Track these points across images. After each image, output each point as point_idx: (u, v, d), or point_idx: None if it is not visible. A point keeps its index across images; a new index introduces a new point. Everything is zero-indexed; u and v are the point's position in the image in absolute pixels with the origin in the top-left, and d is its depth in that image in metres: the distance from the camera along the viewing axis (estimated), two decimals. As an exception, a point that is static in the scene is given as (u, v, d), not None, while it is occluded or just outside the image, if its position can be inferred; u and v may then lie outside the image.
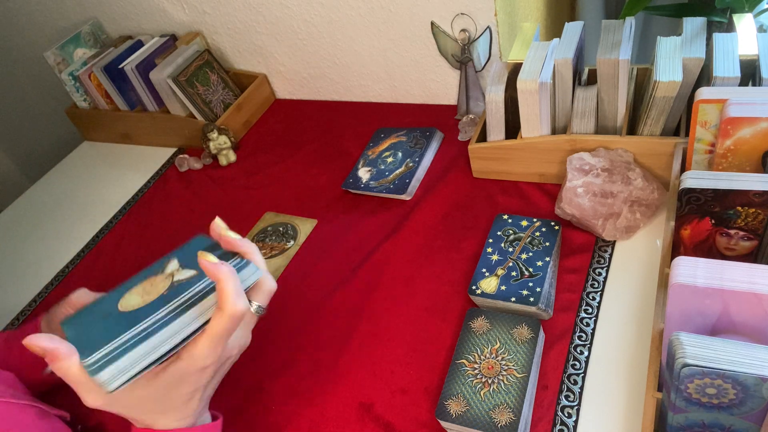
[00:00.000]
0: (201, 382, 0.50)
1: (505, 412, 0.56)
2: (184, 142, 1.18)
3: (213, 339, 0.48)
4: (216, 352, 0.48)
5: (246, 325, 0.52)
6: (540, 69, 0.75)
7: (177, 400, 0.50)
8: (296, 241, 0.88)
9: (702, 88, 0.62)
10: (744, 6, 1.05)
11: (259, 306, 0.52)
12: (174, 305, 0.48)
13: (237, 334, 0.51)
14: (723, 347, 0.41)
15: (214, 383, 0.53)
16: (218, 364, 0.50)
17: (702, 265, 0.46)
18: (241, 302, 0.47)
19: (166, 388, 0.49)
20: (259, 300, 0.52)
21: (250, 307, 0.51)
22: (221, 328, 0.47)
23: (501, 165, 0.85)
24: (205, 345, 0.48)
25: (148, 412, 0.50)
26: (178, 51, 1.13)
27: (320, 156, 1.04)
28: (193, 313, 0.48)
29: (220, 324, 0.47)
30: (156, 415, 0.51)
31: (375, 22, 1.00)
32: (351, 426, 0.64)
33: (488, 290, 0.68)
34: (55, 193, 1.20)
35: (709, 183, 0.54)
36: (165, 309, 0.48)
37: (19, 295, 0.97)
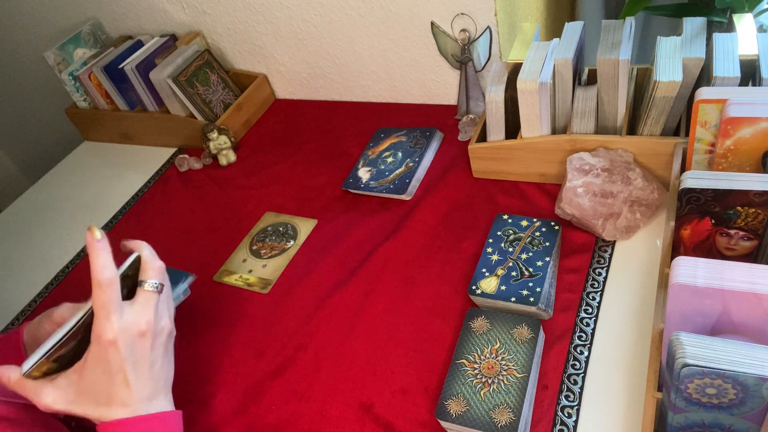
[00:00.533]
0: (117, 359, 0.54)
1: (505, 412, 0.56)
2: (184, 142, 1.18)
3: (98, 311, 0.53)
4: (111, 324, 0.53)
5: (145, 302, 0.56)
6: (540, 69, 0.75)
7: (107, 384, 0.54)
8: (296, 241, 0.88)
9: (702, 88, 0.62)
10: (744, 6, 1.05)
11: (151, 282, 0.57)
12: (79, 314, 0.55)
13: (135, 311, 0.55)
14: (723, 347, 0.41)
15: (145, 364, 0.56)
16: (126, 338, 0.54)
17: (702, 265, 0.46)
18: (107, 271, 0.53)
19: (91, 374, 0.54)
20: (150, 277, 0.57)
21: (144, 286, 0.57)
22: (99, 299, 0.53)
23: (501, 165, 0.85)
24: (97, 321, 0.53)
25: (91, 404, 0.54)
26: (178, 51, 1.13)
27: (320, 156, 1.04)
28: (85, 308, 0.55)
29: (95, 294, 0.53)
30: (101, 407, 0.54)
31: (375, 22, 1.00)
32: (351, 426, 0.64)
33: (488, 290, 0.68)
34: (55, 193, 1.20)
35: (709, 183, 0.54)
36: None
37: (19, 295, 0.97)
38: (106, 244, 0.54)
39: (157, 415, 0.56)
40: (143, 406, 0.56)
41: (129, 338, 0.54)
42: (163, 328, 0.58)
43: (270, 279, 0.83)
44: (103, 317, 0.53)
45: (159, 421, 0.56)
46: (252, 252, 0.89)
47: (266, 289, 0.82)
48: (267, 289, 0.82)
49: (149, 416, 0.56)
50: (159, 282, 0.58)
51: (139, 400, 0.55)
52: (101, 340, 0.53)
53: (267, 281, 0.83)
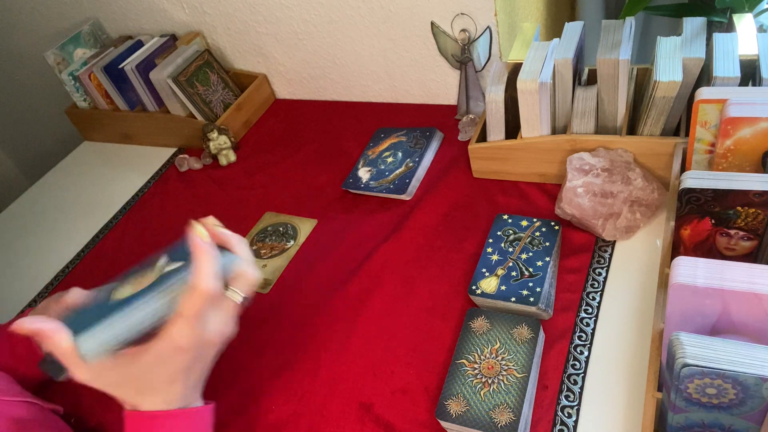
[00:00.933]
0: (180, 364, 0.51)
1: (505, 412, 0.56)
2: (184, 142, 1.18)
3: (185, 317, 0.49)
4: (191, 333, 0.50)
5: (227, 312, 0.53)
6: (540, 69, 0.75)
7: (158, 380, 0.51)
8: (296, 241, 0.88)
9: (702, 88, 0.62)
10: (744, 6, 1.05)
11: (241, 295, 0.54)
12: (159, 289, 0.51)
13: (216, 321, 0.52)
14: (723, 347, 0.41)
15: (199, 369, 0.54)
16: (197, 347, 0.51)
17: (702, 265, 0.46)
18: (212, 282, 0.49)
19: (147, 368, 0.51)
20: (239, 288, 0.53)
21: (232, 296, 0.53)
22: (192, 306, 0.49)
23: (501, 165, 0.85)
24: (178, 324, 0.50)
25: (132, 391, 0.52)
26: (178, 51, 1.13)
27: (320, 156, 1.04)
28: (173, 293, 0.50)
29: (190, 301, 0.49)
30: (140, 395, 0.52)
31: (375, 22, 1.00)
32: (351, 426, 0.64)
33: (488, 290, 0.68)
34: (55, 193, 1.20)
35: (709, 183, 0.54)
36: (150, 292, 0.51)
37: (19, 295, 0.97)
38: (215, 250, 0.50)
39: (190, 411, 0.54)
40: (182, 402, 0.54)
41: (202, 347, 0.52)
42: (227, 339, 0.55)
43: (270, 279, 0.83)
44: (187, 324, 0.50)
45: (190, 417, 0.55)
46: (252, 252, 0.89)
47: (266, 289, 0.82)
48: (267, 289, 0.82)
49: (183, 411, 0.54)
50: (248, 297, 0.54)
51: (181, 397, 0.54)
52: (173, 343, 0.50)
53: (267, 281, 0.83)
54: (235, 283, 0.53)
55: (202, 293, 0.49)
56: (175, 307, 0.51)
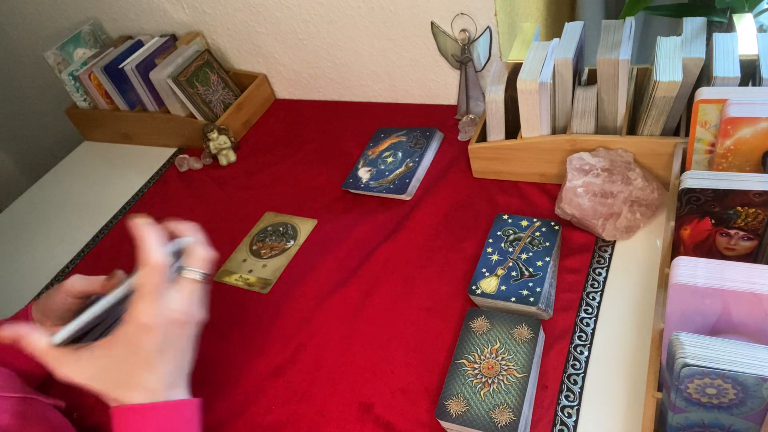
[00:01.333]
0: (150, 344, 0.52)
1: (505, 412, 0.56)
2: (184, 142, 1.18)
3: (142, 293, 0.52)
4: (152, 310, 0.52)
5: (186, 290, 0.55)
6: (540, 69, 0.75)
7: (134, 367, 0.53)
8: (296, 241, 0.88)
9: (702, 88, 0.62)
10: (744, 6, 1.05)
11: (195, 270, 0.56)
12: (125, 281, 0.56)
13: (176, 298, 0.54)
14: (723, 347, 0.41)
15: (172, 353, 0.55)
16: (163, 326, 0.53)
17: (702, 265, 0.46)
18: (158, 254, 0.52)
19: (121, 354, 0.52)
20: (194, 266, 0.56)
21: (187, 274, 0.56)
22: (146, 282, 0.52)
23: (501, 165, 0.85)
24: (138, 303, 0.52)
25: (113, 383, 0.53)
26: (178, 51, 1.13)
27: (320, 156, 1.04)
28: (131, 281, 0.54)
29: (143, 278, 0.52)
30: (122, 388, 0.53)
31: (375, 22, 1.00)
32: (351, 426, 0.64)
33: (488, 290, 0.68)
34: (55, 193, 1.20)
35: (709, 183, 0.54)
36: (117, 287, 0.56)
37: (19, 295, 0.97)
38: (154, 228, 0.53)
39: (174, 403, 0.55)
40: (164, 393, 0.54)
41: (166, 325, 0.53)
42: (197, 320, 0.57)
43: (270, 279, 0.83)
44: (145, 300, 0.52)
45: (176, 409, 0.55)
46: (252, 252, 0.89)
47: (266, 289, 0.82)
48: (267, 289, 0.82)
49: (167, 404, 0.54)
50: (206, 272, 0.57)
51: (162, 386, 0.54)
52: (138, 322, 0.52)
53: (267, 281, 0.83)
54: (189, 262, 0.56)
55: (151, 266, 0.52)
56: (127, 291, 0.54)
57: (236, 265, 0.87)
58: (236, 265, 0.87)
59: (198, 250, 0.57)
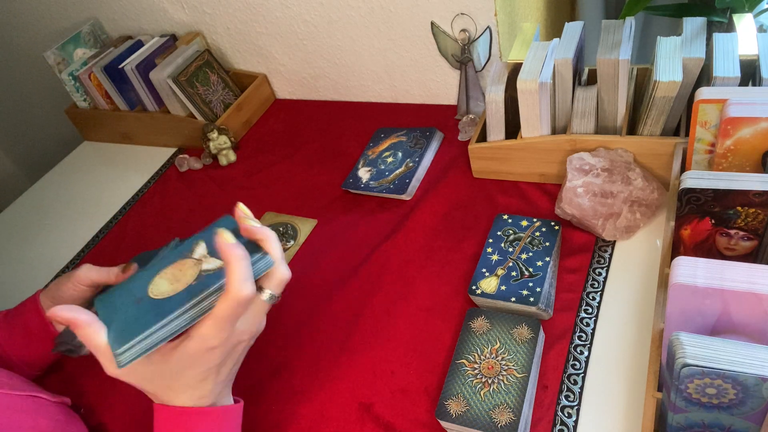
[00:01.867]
0: (211, 362, 0.51)
1: (505, 412, 0.56)
2: (184, 142, 1.18)
3: (217, 321, 0.49)
4: (222, 334, 0.50)
5: (257, 311, 0.53)
6: (540, 69, 0.75)
7: (190, 378, 0.52)
8: (296, 241, 0.88)
9: (702, 88, 0.62)
10: (744, 6, 1.05)
11: (272, 294, 0.53)
12: (197, 299, 0.51)
13: (246, 320, 0.52)
14: (723, 347, 0.41)
15: (230, 366, 0.54)
16: (227, 346, 0.52)
17: (702, 265, 0.46)
18: (247, 287, 0.48)
19: (179, 367, 0.51)
20: (270, 288, 0.53)
21: (262, 295, 0.53)
22: (225, 311, 0.49)
23: (501, 165, 0.85)
24: (210, 326, 0.49)
25: (164, 387, 0.52)
26: (178, 51, 1.13)
27: (320, 156, 1.04)
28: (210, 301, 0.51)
29: (224, 307, 0.49)
30: (172, 392, 0.52)
31: (375, 22, 1.00)
32: (351, 426, 0.64)
33: (488, 290, 0.68)
34: (55, 193, 1.20)
35: (709, 183, 0.54)
36: (190, 303, 0.50)
37: (19, 294, 0.96)
38: (244, 250, 0.49)
39: (222, 409, 0.55)
40: (212, 400, 0.54)
41: (231, 345, 0.52)
42: (256, 335, 0.56)
43: (270, 279, 0.83)
44: (218, 326, 0.50)
45: (221, 415, 0.55)
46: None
47: (266, 289, 0.82)
48: (267, 289, 0.82)
49: (214, 409, 0.54)
50: (277, 295, 0.54)
51: (212, 395, 0.54)
52: (205, 344, 0.50)
53: (267, 281, 0.83)
54: (266, 283, 0.53)
55: (236, 299, 0.48)
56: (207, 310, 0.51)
57: (236, 265, 0.87)
58: (236, 265, 0.87)
59: (279, 270, 0.53)
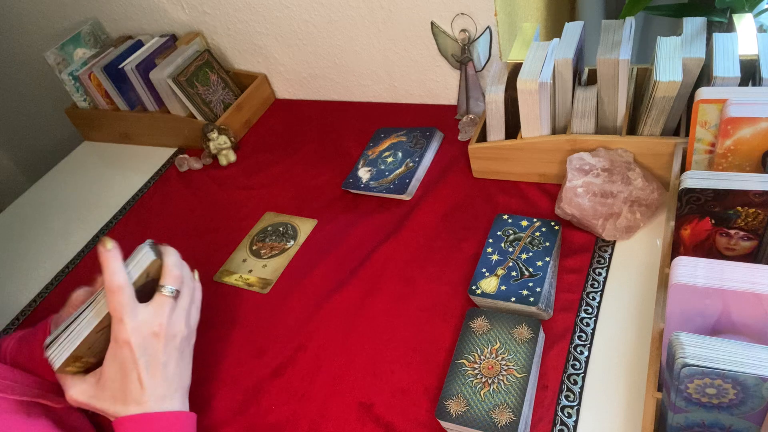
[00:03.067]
0: (131, 356, 0.57)
1: (505, 412, 0.56)
2: (184, 142, 1.18)
3: (113, 315, 0.57)
4: (124, 326, 0.56)
5: (160, 304, 0.60)
6: (540, 69, 0.75)
7: (123, 382, 0.57)
8: (296, 241, 0.88)
9: (702, 88, 0.62)
10: (744, 6, 1.05)
11: (171, 288, 0.61)
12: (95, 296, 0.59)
13: (150, 313, 0.59)
14: (723, 347, 0.41)
15: (157, 364, 0.58)
16: (138, 338, 0.57)
17: (702, 265, 0.46)
18: (117, 278, 0.56)
19: (110, 371, 0.57)
20: (168, 282, 0.61)
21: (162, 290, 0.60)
22: (111, 303, 0.56)
23: (501, 165, 0.85)
24: (113, 323, 0.57)
25: (110, 400, 0.58)
26: (178, 51, 1.12)
27: (320, 156, 1.04)
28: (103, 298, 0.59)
29: (108, 299, 0.57)
30: (118, 402, 0.58)
31: (375, 22, 1.00)
32: (351, 426, 0.64)
33: (488, 290, 0.68)
34: (55, 193, 1.20)
35: (709, 183, 0.54)
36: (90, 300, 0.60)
37: (19, 295, 0.97)
38: (116, 252, 0.58)
39: (168, 414, 0.58)
40: (156, 404, 0.58)
41: (142, 338, 0.57)
42: (177, 333, 0.61)
43: (270, 279, 0.83)
44: (117, 319, 0.56)
45: (169, 420, 0.58)
46: (252, 252, 0.89)
47: (266, 289, 0.82)
48: (267, 289, 0.82)
49: (160, 414, 0.58)
50: (175, 288, 0.61)
51: (152, 398, 0.57)
52: (117, 340, 0.57)
53: (267, 281, 0.83)
54: (163, 279, 0.61)
55: (112, 289, 0.56)
56: None
57: (236, 265, 0.87)
58: (236, 265, 0.87)
59: (168, 268, 0.62)
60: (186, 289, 0.63)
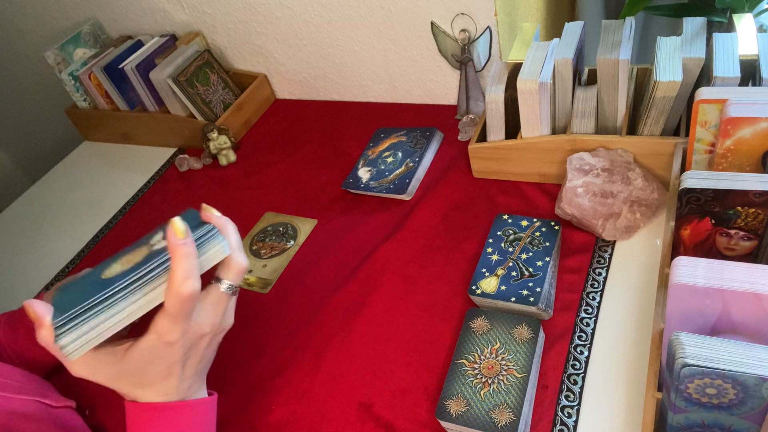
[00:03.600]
0: (173, 357, 0.51)
1: (505, 412, 0.56)
2: (184, 142, 1.18)
3: (169, 316, 0.49)
4: (177, 329, 0.50)
5: (216, 302, 0.53)
6: (540, 69, 0.75)
7: (154, 375, 0.51)
8: (296, 241, 0.88)
9: (702, 88, 0.62)
10: (744, 6, 1.05)
11: (230, 284, 0.53)
12: (142, 272, 0.48)
13: (206, 312, 0.52)
14: (723, 347, 0.41)
15: (195, 361, 0.54)
16: (187, 341, 0.51)
17: (702, 265, 0.46)
18: (189, 286, 0.48)
19: (141, 363, 0.50)
20: (228, 278, 0.53)
21: (220, 286, 0.53)
22: (173, 307, 0.48)
23: (501, 165, 0.85)
24: (164, 321, 0.49)
25: (129, 385, 0.52)
26: (178, 51, 1.13)
27: (320, 156, 1.04)
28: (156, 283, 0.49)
29: (170, 302, 0.48)
30: (138, 389, 0.52)
31: (375, 22, 1.00)
32: (351, 426, 0.64)
33: (488, 290, 0.68)
34: (55, 193, 1.20)
35: (709, 183, 0.54)
36: (133, 275, 0.48)
37: (19, 294, 0.97)
38: (192, 247, 0.49)
39: (191, 402, 0.54)
40: (181, 395, 0.54)
41: (191, 339, 0.52)
42: (225, 329, 0.56)
43: (270, 279, 0.83)
44: (172, 321, 0.49)
45: (191, 409, 0.55)
46: (252, 252, 0.89)
47: (266, 289, 0.82)
48: (267, 289, 0.82)
49: (183, 403, 0.54)
50: (237, 285, 0.54)
51: (179, 390, 0.54)
52: (162, 338, 0.50)
53: (267, 281, 0.83)
54: (223, 273, 0.53)
55: (178, 295, 0.48)
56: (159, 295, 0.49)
57: (236, 265, 0.87)
58: (236, 265, 0.87)
59: (234, 261, 0.53)
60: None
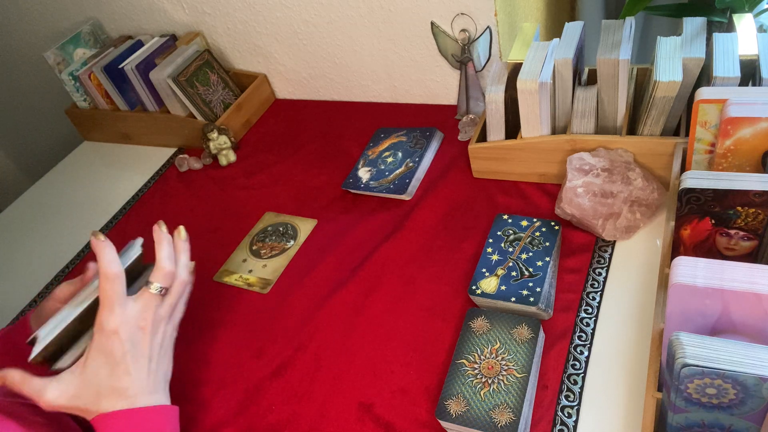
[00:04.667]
0: (120, 347, 0.56)
1: (505, 412, 0.56)
2: (184, 142, 1.18)
3: (103, 303, 0.56)
4: (113, 317, 0.56)
5: (147, 301, 0.59)
6: (540, 69, 0.75)
7: (110, 373, 0.56)
8: (296, 241, 0.88)
9: (702, 88, 0.62)
10: (744, 6, 1.05)
11: (159, 286, 0.60)
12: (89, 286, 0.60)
13: (139, 308, 0.58)
14: (723, 347, 0.41)
15: (145, 358, 0.58)
16: (127, 331, 0.57)
17: (702, 265, 0.46)
18: (114, 266, 0.57)
19: (96, 364, 0.56)
20: (156, 280, 0.60)
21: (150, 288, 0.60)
22: (104, 290, 0.56)
23: (501, 165, 0.85)
24: (101, 312, 0.56)
25: (95, 396, 0.56)
26: (178, 51, 1.12)
27: (320, 156, 1.04)
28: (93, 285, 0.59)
29: (102, 286, 0.56)
30: (100, 398, 0.56)
31: (375, 22, 1.00)
32: (351, 426, 0.64)
33: (488, 290, 0.68)
34: (55, 193, 1.20)
35: (709, 183, 0.54)
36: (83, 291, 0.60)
37: (19, 295, 0.97)
38: (109, 242, 0.58)
39: (155, 408, 0.58)
40: (143, 398, 0.57)
41: (130, 329, 0.57)
42: (160, 330, 0.61)
43: (270, 279, 0.83)
44: (108, 308, 0.56)
45: (157, 414, 0.58)
46: (252, 252, 0.89)
47: (266, 289, 0.82)
48: (267, 289, 0.82)
49: (148, 408, 0.57)
50: (163, 286, 0.61)
51: (139, 391, 0.57)
52: (104, 330, 0.56)
53: (267, 281, 0.83)
54: (152, 276, 0.61)
55: (108, 276, 0.56)
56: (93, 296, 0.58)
57: (236, 265, 0.87)
58: (236, 265, 0.87)
59: (160, 265, 0.61)
60: (176, 286, 0.62)
